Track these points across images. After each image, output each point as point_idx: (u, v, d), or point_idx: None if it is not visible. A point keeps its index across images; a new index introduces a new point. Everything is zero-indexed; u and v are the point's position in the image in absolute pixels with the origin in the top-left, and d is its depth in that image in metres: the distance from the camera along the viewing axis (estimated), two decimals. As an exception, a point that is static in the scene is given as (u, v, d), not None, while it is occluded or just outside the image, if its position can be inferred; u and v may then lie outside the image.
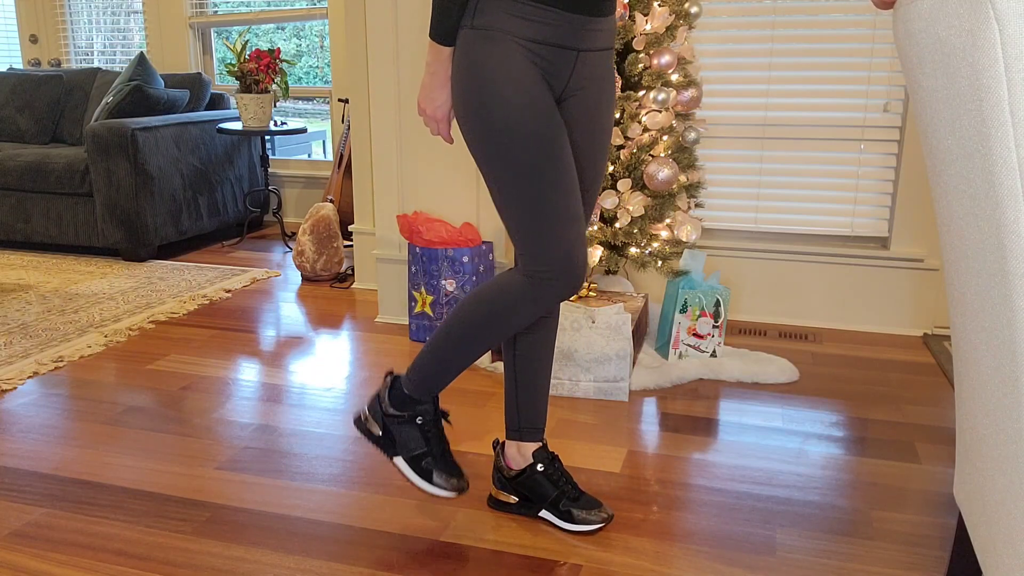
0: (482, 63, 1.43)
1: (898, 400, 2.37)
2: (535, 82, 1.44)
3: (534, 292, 1.51)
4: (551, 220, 1.47)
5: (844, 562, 1.61)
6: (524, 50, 1.43)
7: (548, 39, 1.44)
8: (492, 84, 1.42)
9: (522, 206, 1.47)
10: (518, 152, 1.44)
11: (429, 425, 1.67)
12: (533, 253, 1.49)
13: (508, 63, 1.43)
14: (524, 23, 1.42)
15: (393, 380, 1.71)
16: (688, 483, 1.91)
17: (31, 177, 3.95)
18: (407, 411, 1.67)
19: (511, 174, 1.46)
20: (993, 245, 0.95)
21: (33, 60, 5.27)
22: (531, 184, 1.45)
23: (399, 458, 1.68)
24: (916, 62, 1.06)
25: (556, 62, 1.47)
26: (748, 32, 2.96)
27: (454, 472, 1.67)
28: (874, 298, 2.96)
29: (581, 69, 1.51)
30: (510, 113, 1.43)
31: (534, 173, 1.45)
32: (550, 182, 1.46)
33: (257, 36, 6.01)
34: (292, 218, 4.87)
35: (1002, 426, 1.02)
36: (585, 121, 1.56)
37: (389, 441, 1.69)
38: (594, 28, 1.48)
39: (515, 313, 1.54)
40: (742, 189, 3.08)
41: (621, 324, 2.34)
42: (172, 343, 2.84)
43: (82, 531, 1.71)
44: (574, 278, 1.51)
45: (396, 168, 2.95)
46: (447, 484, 1.66)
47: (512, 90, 1.42)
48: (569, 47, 1.47)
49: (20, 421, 2.23)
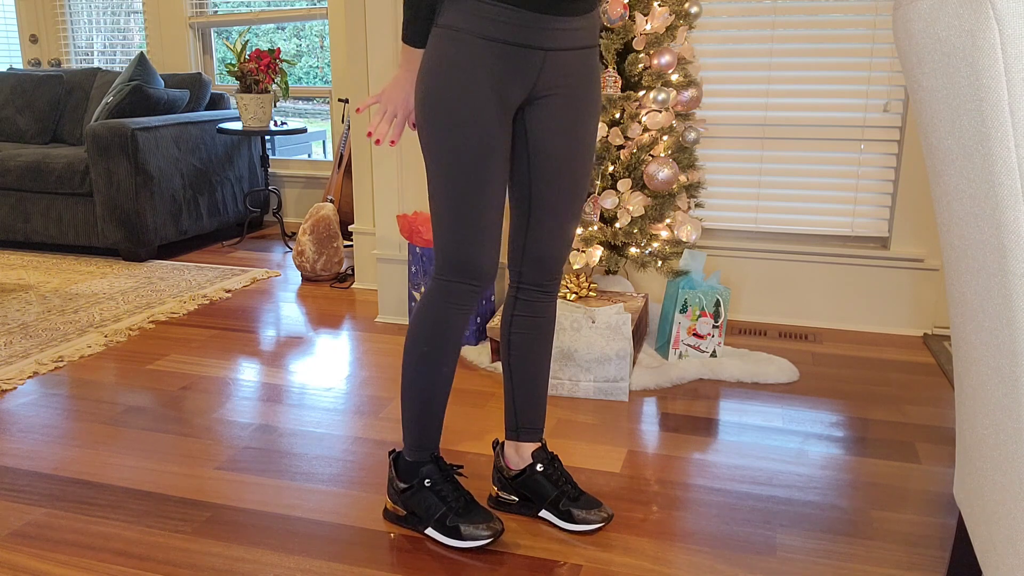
0: (438, 64, 1.47)
1: (898, 400, 2.37)
2: (483, 92, 1.46)
3: (442, 290, 1.56)
4: (463, 225, 1.51)
5: (844, 562, 1.61)
6: (485, 49, 1.45)
7: (511, 38, 1.44)
8: (442, 87, 1.47)
9: (442, 204, 1.52)
10: (449, 155, 1.49)
11: (440, 484, 1.66)
12: (442, 249, 1.55)
13: (461, 68, 1.45)
14: (486, 22, 1.43)
15: (395, 457, 1.73)
16: (688, 483, 1.91)
17: (31, 177, 3.95)
18: (415, 480, 1.67)
19: (440, 173, 1.51)
20: (993, 245, 0.95)
21: (33, 60, 5.27)
22: (453, 187, 1.50)
23: (429, 528, 1.67)
24: (916, 62, 1.06)
25: (521, 62, 1.47)
26: (748, 32, 2.96)
27: (482, 517, 1.64)
28: (874, 298, 2.96)
29: (552, 69, 1.50)
30: (451, 117, 1.47)
31: (458, 178, 1.49)
32: (471, 190, 1.49)
33: (257, 36, 6.01)
34: (292, 218, 4.87)
35: (1002, 426, 1.02)
36: (563, 121, 1.55)
37: (414, 517, 1.70)
38: (564, 27, 1.47)
39: (441, 316, 1.58)
40: (742, 189, 3.08)
41: (621, 324, 2.34)
42: (172, 343, 2.84)
43: (82, 531, 1.71)
44: (477, 278, 1.55)
45: (396, 168, 2.95)
46: (477, 532, 1.62)
47: (458, 96, 1.46)
48: (534, 46, 1.46)
49: (20, 421, 2.23)
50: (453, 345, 1.60)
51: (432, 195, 1.54)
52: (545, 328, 1.72)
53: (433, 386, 1.62)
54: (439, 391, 1.63)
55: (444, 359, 1.61)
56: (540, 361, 1.73)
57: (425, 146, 1.52)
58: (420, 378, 1.62)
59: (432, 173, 1.52)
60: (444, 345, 1.60)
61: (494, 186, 1.51)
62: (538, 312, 1.70)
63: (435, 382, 1.62)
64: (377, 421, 2.23)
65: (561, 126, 1.55)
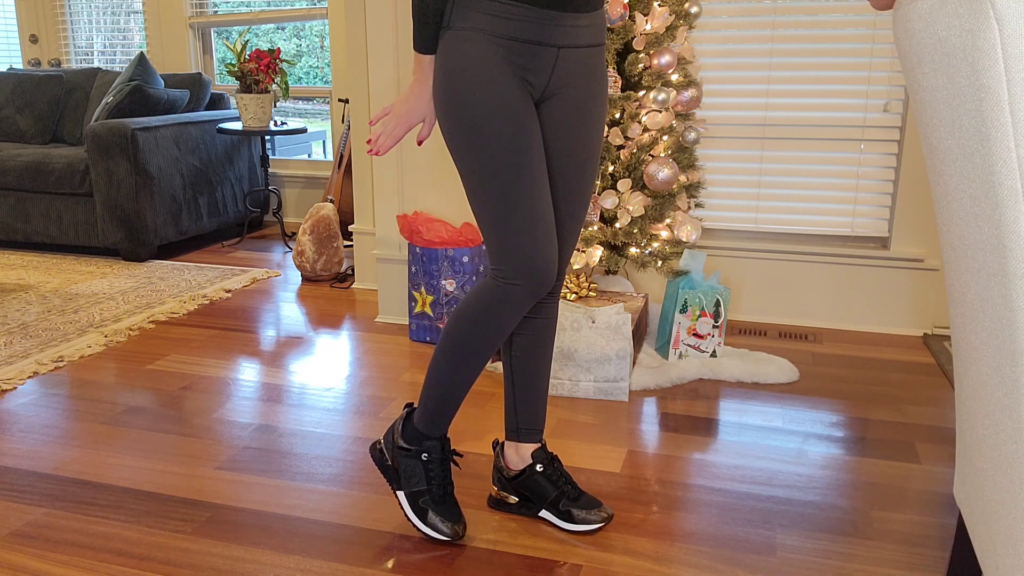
0: (456, 64, 1.45)
1: (898, 400, 2.37)
2: (508, 83, 1.45)
3: (501, 293, 1.50)
4: (513, 221, 1.46)
5: (844, 562, 1.61)
6: (500, 48, 1.44)
7: (524, 36, 1.44)
8: (465, 85, 1.44)
9: (487, 206, 1.48)
10: (484, 153, 1.45)
11: (434, 464, 1.67)
12: (496, 253, 1.50)
13: (481, 64, 1.44)
14: (499, 21, 1.43)
15: (409, 412, 1.73)
16: (688, 483, 1.91)
17: (31, 177, 3.95)
18: (415, 446, 1.68)
19: (477, 174, 1.47)
20: (993, 245, 0.95)
21: (33, 60, 5.27)
22: (495, 185, 1.46)
23: (401, 492, 1.69)
24: (916, 62, 1.06)
25: (535, 59, 1.47)
26: (748, 32, 2.96)
27: (451, 516, 1.66)
28: (874, 298, 2.96)
29: (564, 66, 1.50)
30: (479, 114, 1.44)
31: (499, 174, 1.45)
32: (514, 184, 1.46)
33: (257, 36, 6.01)
34: (292, 218, 4.87)
35: (1002, 426, 1.02)
36: (572, 118, 1.55)
37: (395, 473, 1.71)
38: (574, 24, 1.47)
39: (492, 318, 1.53)
40: (742, 189, 3.08)
41: (621, 324, 2.34)
42: (172, 343, 2.84)
43: (82, 531, 1.71)
44: (536, 280, 1.49)
45: (396, 168, 2.95)
46: (442, 527, 1.65)
47: (483, 92, 1.44)
48: (547, 44, 1.46)
49: (20, 421, 2.23)
50: (496, 345, 1.57)
51: (474, 199, 1.49)
52: (546, 330, 1.72)
53: (464, 377, 1.60)
54: (467, 381, 1.61)
55: (484, 358, 1.58)
56: (541, 363, 1.73)
57: (456, 149, 1.48)
58: (453, 370, 1.60)
59: (469, 174, 1.48)
60: (487, 347, 1.56)
61: (537, 177, 1.47)
62: (539, 314, 1.69)
63: (467, 375, 1.60)
64: (377, 421, 2.23)
65: (568, 125, 1.55)
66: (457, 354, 1.58)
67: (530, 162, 1.47)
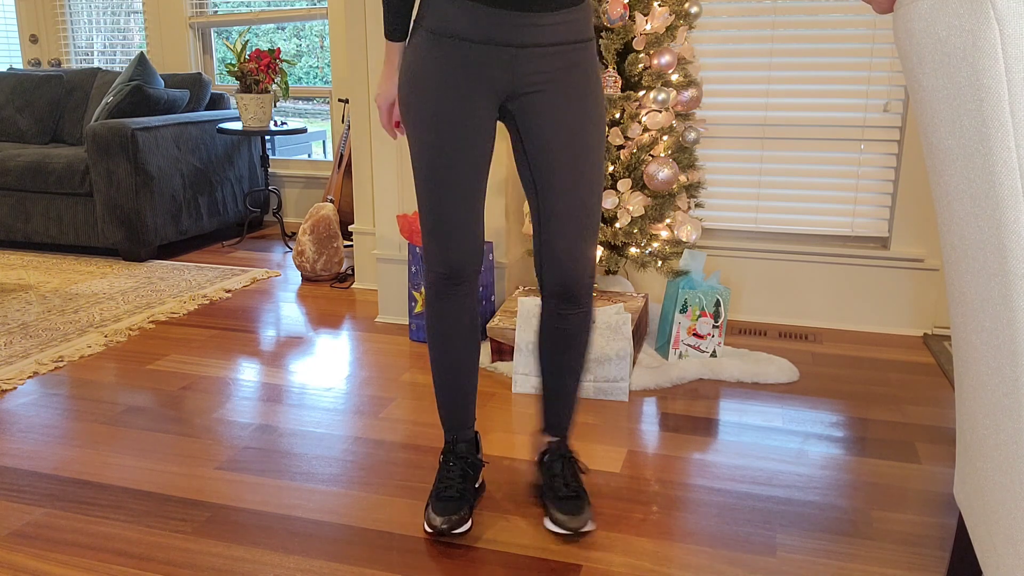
0: (404, 65, 1.55)
1: (898, 400, 2.37)
2: (447, 89, 1.49)
3: (426, 280, 1.66)
4: (430, 217, 1.59)
5: (844, 562, 1.61)
6: (454, 48, 1.47)
7: (476, 36, 1.45)
8: (408, 85, 1.54)
9: (419, 198, 1.61)
10: (415, 150, 1.56)
11: (447, 465, 1.76)
12: (423, 243, 1.64)
13: (420, 68, 1.51)
14: (453, 21, 1.46)
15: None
16: (688, 483, 1.91)
17: (31, 177, 3.95)
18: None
19: (413, 164, 1.60)
20: (993, 245, 0.95)
21: (33, 60, 5.27)
22: (419, 180, 1.58)
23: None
24: (916, 62, 1.06)
25: (489, 59, 1.48)
26: (748, 32, 2.96)
27: (444, 510, 1.67)
28: (874, 298, 2.96)
29: (529, 65, 1.49)
30: (410, 118, 1.55)
31: (424, 172, 1.57)
32: (436, 185, 1.56)
33: (257, 36, 6.01)
34: (292, 218, 4.87)
35: (1002, 426, 1.02)
36: (549, 119, 1.53)
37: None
38: (536, 23, 1.46)
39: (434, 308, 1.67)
40: (742, 189, 3.08)
41: (621, 324, 2.34)
42: (172, 343, 2.84)
43: (82, 531, 1.71)
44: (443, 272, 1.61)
45: (396, 168, 2.95)
46: (431, 519, 1.67)
47: (416, 96, 1.52)
48: (503, 43, 1.46)
49: (20, 421, 2.23)
50: (450, 334, 1.67)
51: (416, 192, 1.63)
52: (567, 339, 1.68)
53: (442, 371, 1.71)
54: (449, 376, 1.71)
55: (446, 346, 1.69)
56: (561, 369, 1.72)
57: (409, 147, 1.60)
58: (433, 363, 1.73)
59: (413, 171, 1.60)
60: (440, 333, 1.68)
61: (463, 186, 1.56)
62: (559, 323, 1.67)
63: (442, 367, 1.71)
64: (377, 421, 2.23)
65: (547, 125, 1.53)
66: (431, 350, 1.72)
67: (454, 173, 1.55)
